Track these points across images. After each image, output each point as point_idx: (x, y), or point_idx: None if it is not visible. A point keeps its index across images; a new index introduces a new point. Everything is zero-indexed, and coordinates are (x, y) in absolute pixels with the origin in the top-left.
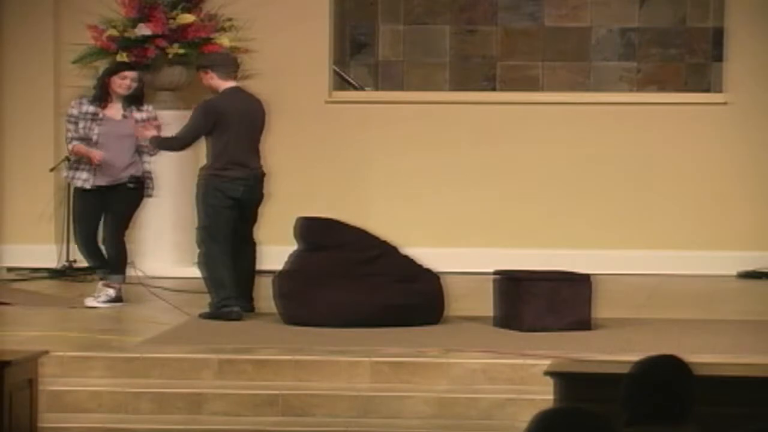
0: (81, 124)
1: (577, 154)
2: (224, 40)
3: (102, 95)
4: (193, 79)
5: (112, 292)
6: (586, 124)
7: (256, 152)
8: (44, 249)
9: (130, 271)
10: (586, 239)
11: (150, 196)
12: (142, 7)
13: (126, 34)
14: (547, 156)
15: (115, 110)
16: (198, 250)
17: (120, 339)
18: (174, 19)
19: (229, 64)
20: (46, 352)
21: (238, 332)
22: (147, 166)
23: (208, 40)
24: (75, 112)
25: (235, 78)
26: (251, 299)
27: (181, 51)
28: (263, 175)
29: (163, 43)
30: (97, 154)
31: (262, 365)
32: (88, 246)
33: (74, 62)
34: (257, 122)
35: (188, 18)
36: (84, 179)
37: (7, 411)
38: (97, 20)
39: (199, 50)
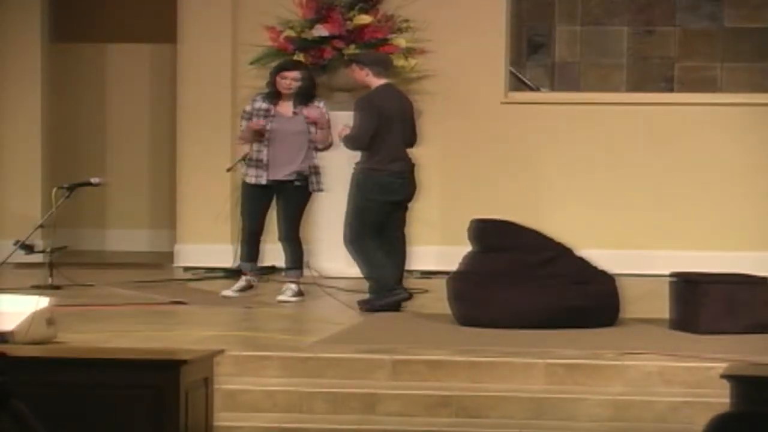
0: (254, 120)
1: (755, 155)
2: (401, 41)
3: (273, 93)
4: None
5: (295, 286)
6: (766, 125)
7: (405, 146)
8: (220, 249)
9: (305, 272)
10: (764, 241)
11: (319, 190)
12: (319, 8)
13: (303, 35)
14: (725, 157)
15: (286, 107)
16: (351, 245)
17: (294, 339)
18: (351, 20)
19: (386, 65)
20: (222, 351)
21: (412, 333)
22: (315, 161)
23: (384, 41)
24: (248, 108)
25: (387, 77)
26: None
27: (358, 52)
28: (414, 166)
29: (339, 44)
30: (255, 123)
31: (436, 366)
32: (251, 242)
33: (252, 63)
34: (409, 119)
35: (365, 19)
36: (258, 175)
37: (183, 409)
38: (275, 21)
39: (376, 51)
